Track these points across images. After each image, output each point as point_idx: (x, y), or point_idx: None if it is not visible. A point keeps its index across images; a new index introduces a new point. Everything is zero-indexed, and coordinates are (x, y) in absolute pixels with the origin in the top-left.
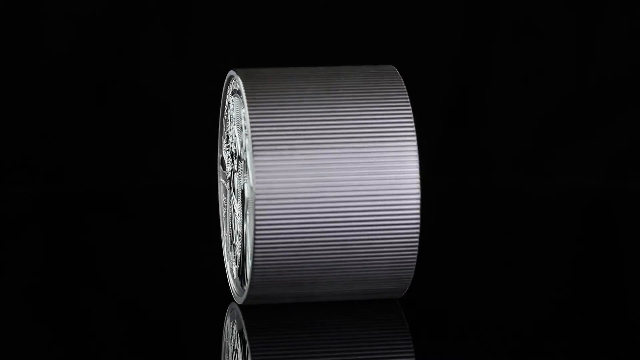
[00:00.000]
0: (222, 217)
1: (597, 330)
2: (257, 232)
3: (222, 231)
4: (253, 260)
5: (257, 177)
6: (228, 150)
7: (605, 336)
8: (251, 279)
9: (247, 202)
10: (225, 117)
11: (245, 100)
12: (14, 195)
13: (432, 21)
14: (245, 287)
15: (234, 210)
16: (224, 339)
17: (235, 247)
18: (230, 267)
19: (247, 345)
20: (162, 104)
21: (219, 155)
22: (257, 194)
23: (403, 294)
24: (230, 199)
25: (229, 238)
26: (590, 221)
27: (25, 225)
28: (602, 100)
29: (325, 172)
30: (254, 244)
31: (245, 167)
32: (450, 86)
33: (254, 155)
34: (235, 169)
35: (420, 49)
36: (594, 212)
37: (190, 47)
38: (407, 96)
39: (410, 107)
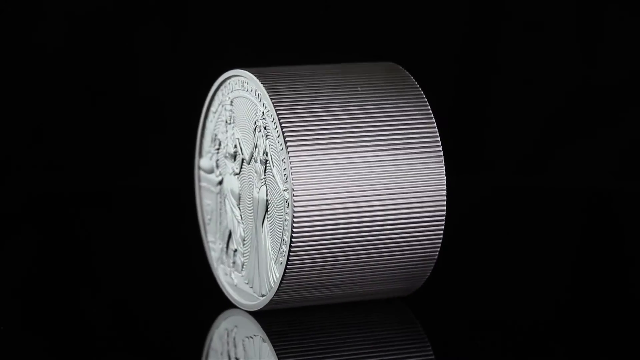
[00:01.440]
0: (206, 223)
1: (598, 330)
2: (294, 236)
3: (204, 237)
4: (286, 264)
5: (294, 180)
6: (217, 152)
7: (606, 336)
8: (280, 282)
9: (267, 205)
10: (212, 118)
11: (268, 99)
12: (13, 195)
13: (433, 21)
14: (267, 292)
15: (234, 214)
16: (226, 347)
17: (236, 252)
18: (226, 273)
19: (272, 350)
20: (162, 105)
21: (199, 159)
22: (295, 196)
23: (410, 293)
24: (224, 202)
25: (223, 244)
26: (590, 221)
27: (24, 226)
28: (602, 100)
29: (358, 173)
30: (290, 247)
31: (264, 169)
32: (451, 86)
33: (289, 157)
34: (237, 171)
35: (421, 49)
36: (594, 212)
37: (187, 47)
38: (423, 94)
39: (429, 107)
